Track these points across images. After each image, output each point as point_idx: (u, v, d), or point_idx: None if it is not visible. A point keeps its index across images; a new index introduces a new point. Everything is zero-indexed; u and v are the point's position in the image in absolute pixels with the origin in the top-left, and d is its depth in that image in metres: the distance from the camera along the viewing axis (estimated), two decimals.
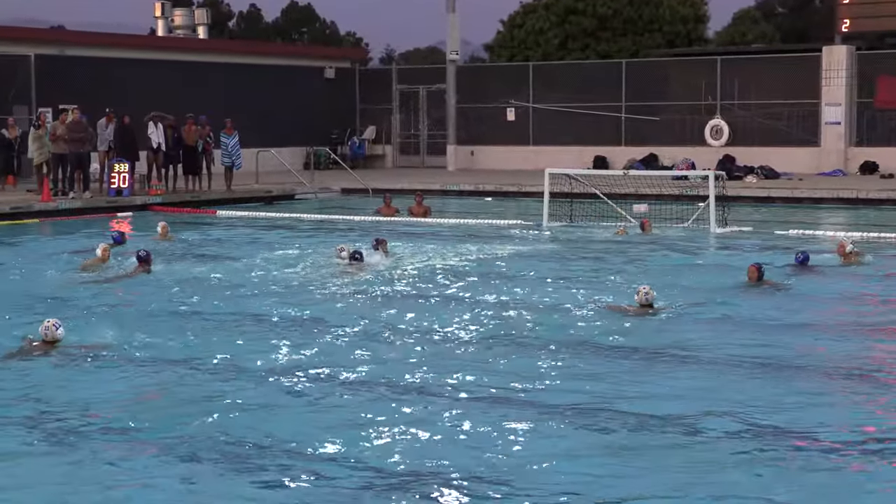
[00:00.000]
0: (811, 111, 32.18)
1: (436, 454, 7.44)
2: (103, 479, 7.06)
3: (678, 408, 8.43)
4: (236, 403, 8.65)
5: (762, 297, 13.22)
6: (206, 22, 41.68)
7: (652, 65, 36.80)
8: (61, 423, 8.23)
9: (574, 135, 35.18)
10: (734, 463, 7.23)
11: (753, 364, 9.86)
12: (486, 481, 6.93)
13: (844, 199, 25.74)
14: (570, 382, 9.25)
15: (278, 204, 27.20)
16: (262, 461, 7.33)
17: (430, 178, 32.03)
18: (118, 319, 11.99)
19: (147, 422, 8.19)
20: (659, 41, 49.21)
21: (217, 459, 7.37)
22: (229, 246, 18.92)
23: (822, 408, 8.58)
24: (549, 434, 7.88)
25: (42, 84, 29.39)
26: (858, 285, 14.30)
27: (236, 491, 6.86)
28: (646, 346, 10.57)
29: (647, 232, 19.79)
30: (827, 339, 11.01)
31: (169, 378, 9.52)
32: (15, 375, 9.62)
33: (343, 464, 7.27)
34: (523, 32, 51.52)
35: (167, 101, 30.62)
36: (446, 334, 11.14)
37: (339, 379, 9.41)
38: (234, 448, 7.58)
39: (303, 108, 36.65)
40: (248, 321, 11.93)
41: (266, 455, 7.44)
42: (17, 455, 7.52)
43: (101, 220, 23.45)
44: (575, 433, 7.93)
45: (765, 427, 7.94)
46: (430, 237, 19.76)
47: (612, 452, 7.47)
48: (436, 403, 8.67)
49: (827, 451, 7.44)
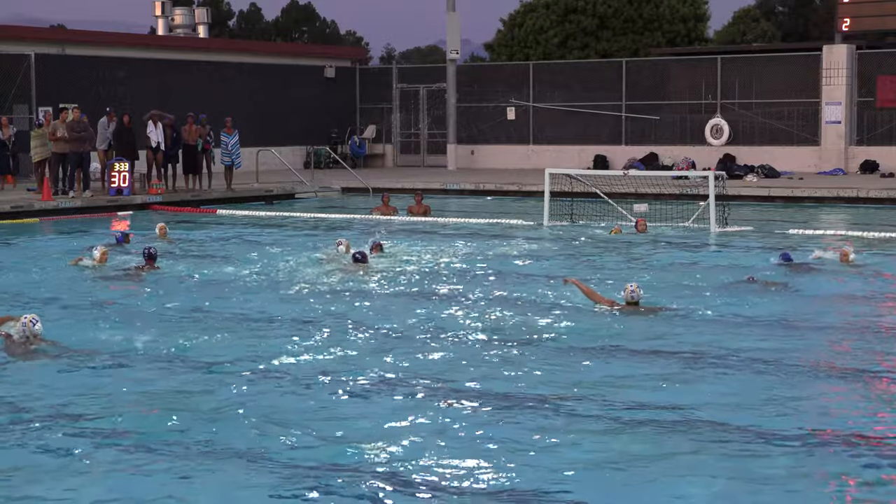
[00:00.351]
0: (811, 110, 32.17)
1: (436, 453, 7.45)
2: (106, 478, 7.07)
3: (669, 406, 8.47)
4: (237, 402, 8.66)
5: (762, 295, 13.22)
6: (207, 21, 41.72)
7: (652, 64, 36.80)
8: (55, 422, 8.24)
9: (574, 134, 35.19)
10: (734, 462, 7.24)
11: (750, 362, 9.87)
12: (487, 481, 6.94)
13: (845, 198, 25.74)
14: (568, 380, 9.26)
15: (278, 203, 27.20)
16: (264, 460, 7.34)
17: (431, 177, 32.02)
18: (117, 317, 12.00)
19: (145, 422, 8.19)
20: (659, 40, 49.24)
21: (218, 458, 7.38)
22: (229, 245, 18.92)
23: (828, 407, 8.59)
24: (541, 430, 7.90)
25: (42, 83, 29.38)
26: (860, 285, 14.30)
27: (238, 490, 6.87)
28: (645, 345, 10.58)
29: (641, 231, 19.78)
30: (835, 338, 11.01)
31: (170, 377, 9.52)
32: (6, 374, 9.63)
33: (346, 463, 7.28)
34: (523, 31, 51.54)
35: (167, 99, 30.67)
36: (445, 334, 11.12)
37: (340, 378, 9.41)
38: (238, 447, 7.59)
39: (303, 108, 36.65)
40: (247, 320, 11.92)
41: (269, 454, 7.44)
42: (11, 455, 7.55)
43: (101, 219, 23.49)
44: (571, 430, 7.94)
45: (763, 426, 7.96)
46: (430, 236, 19.76)
47: (598, 446, 7.49)
48: (436, 403, 8.67)
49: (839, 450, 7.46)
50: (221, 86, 34.23)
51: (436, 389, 9.06)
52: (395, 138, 38.94)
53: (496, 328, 11.42)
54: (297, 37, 75.33)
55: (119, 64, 32.20)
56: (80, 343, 10.64)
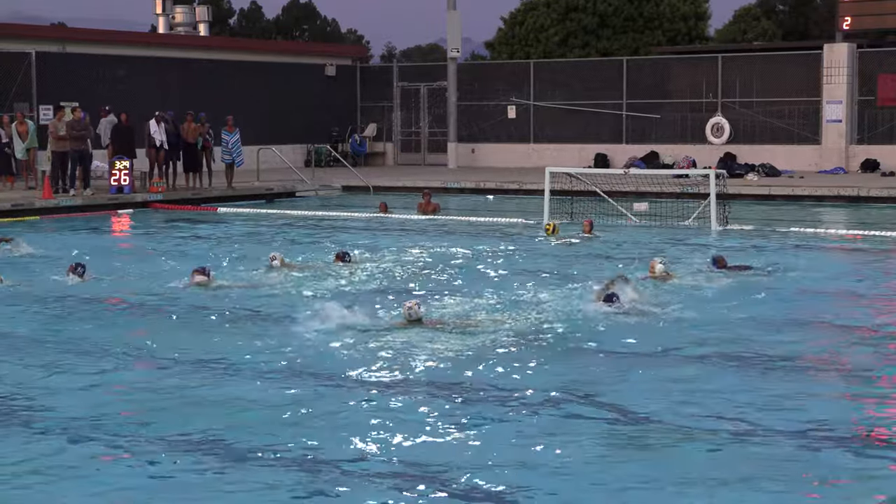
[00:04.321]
0: (812, 109, 32.16)
1: (442, 453, 7.46)
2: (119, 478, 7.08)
3: (670, 405, 8.47)
4: (241, 404, 8.67)
5: (766, 293, 13.23)
6: (207, 19, 41.70)
7: (653, 62, 36.78)
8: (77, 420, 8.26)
9: (575, 132, 35.18)
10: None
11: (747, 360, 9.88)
12: (486, 480, 6.94)
13: (845, 196, 25.75)
14: (577, 380, 9.26)
15: (279, 201, 27.21)
16: (268, 460, 7.34)
17: (431, 175, 32.03)
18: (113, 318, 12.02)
19: (153, 421, 8.21)
20: (660, 39, 49.22)
21: (224, 458, 7.39)
22: (230, 243, 18.93)
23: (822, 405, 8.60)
24: (550, 432, 7.91)
25: (43, 81, 29.38)
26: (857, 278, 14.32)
27: (243, 489, 6.88)
28: (647, 346, 10.59)
29: (587, 232, 19.22)
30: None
31: (175, 377, 9.53)
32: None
33: (350, 462, 7.28)
34: (524, 30, 51.53)
35: (168, 98, 30.67)
36: (446, 332, 11.11)
37: (341, 377, 9.41)
38: (243, 446, 7.61)
39: (304, 106, 36.65)
40: (249, 320, 11.92)
41: (276, 454, 7.45)
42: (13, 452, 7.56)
43: (102, 217, 23.54)
44: (579, 433, 7.95)
45: (765, 425, 7.96)
46: (433, 235, 19.78)
47: (609, 450, 7.49)
48: (441, 403, 8.68)
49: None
50: (222, 84, 34.22)
51: (439, 389, 9.07)
52: (396, 137, 38.94)
53: (500, 328, 11.40)
54: (298, 35, 75.32)
55: (120, 62, 32.20)
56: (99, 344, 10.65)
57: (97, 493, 6.82)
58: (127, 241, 21.11)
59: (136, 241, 20.62)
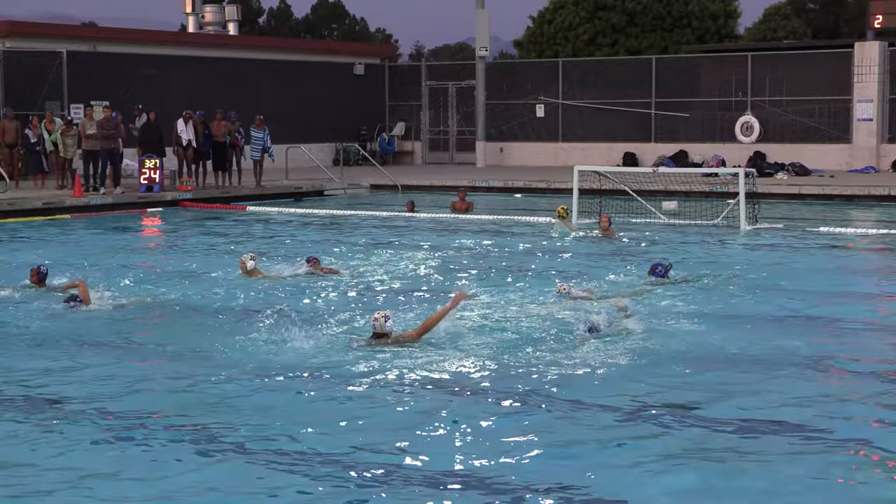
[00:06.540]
0: (843, 108, 31.97)
1: (456, 453, 7.47)
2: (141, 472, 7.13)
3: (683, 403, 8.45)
4: (248, 402, 8.71)
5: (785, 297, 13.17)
6: (237, 18, 41.82)
7: (682, 61, 36.62)
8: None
9: (603, 131, 35.11)
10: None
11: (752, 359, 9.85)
12: (485, 479, 6.95)
13: (876, 195, 25.56)
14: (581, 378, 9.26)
15: (307, 200, 27.30)
16: (277, 460, 7.37)
17: (459, 174, 32.04)
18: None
19: (172, 416, 8.26)
20: (689, 37, 49.03)
21: (239, 455, 7.43)
22: (258, 241, 19.01)
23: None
24: (547, 426, 7.90)
25: (75, 80, 29.58)
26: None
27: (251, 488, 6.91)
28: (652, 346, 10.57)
29: (605, 229, 19.07)
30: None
31: (193, 375, 9.58)
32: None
33: (357, 461, 7.30)
34: (553, 28, 51.44)
35: (197, 97, 30.80)
36: (477, 330, 11.10)
37: (348, 377, 9.43)
38: (253, 444, 7.64)
39: (332, 105, 36.73)
40: (270, 317, 11.94)
41: (290, 452, 7.48)
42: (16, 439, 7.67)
43: (131, 215, 23.68)
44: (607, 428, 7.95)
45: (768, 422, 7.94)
46: (464, 233, 19.81)
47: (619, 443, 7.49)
48: (441, 403, 8.69)
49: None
50: (251, 83, 34.35)
51: (465, 387, 9.08)
52: (424, 135, 38.97)
53: (522, 324, 11.39)
54: (327, 34, 75.47)
55: (150, 61, 32.37)
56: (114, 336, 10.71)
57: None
58: (155, 239, 21.22)
59: (165, 239, 20.73)
